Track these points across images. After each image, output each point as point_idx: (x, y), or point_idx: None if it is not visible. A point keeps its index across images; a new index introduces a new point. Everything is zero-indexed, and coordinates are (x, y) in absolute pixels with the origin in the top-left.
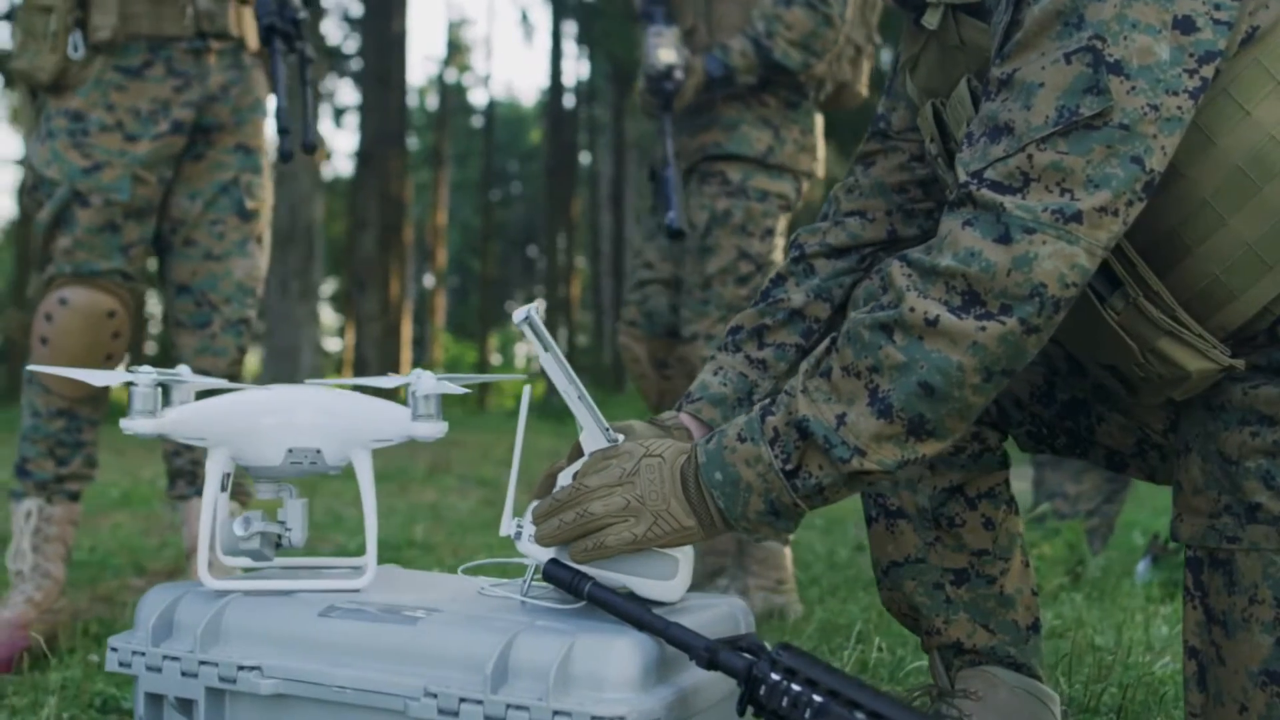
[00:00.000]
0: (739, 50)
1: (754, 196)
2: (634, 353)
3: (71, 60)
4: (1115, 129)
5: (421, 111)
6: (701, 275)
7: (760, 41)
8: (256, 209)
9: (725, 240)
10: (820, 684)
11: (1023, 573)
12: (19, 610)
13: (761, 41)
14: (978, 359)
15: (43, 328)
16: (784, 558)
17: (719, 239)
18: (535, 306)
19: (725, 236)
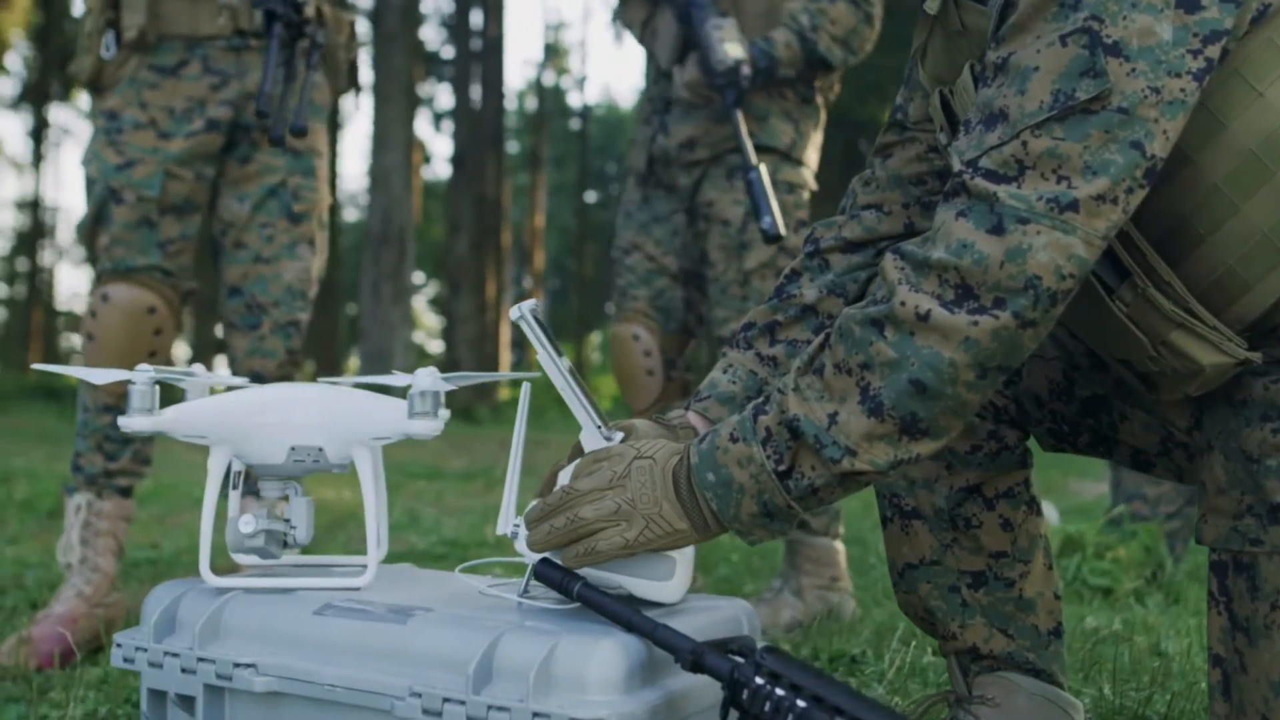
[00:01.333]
0: (784, 43)
1: (783, 189)
2: (646, 345)
3: (105, 60)
4: (1114, 113)
5: (520, 115)
6: (740, 271)
7: (805, 35)
8: (306, 211)
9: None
10: (804, 689)
11: (1045, 576)
12: (69, 604)
13: (806, 35)
14: (970, 355)
15: (89, 324)
16: (838, 555)
17: (753, 235)
18: (532, 304)
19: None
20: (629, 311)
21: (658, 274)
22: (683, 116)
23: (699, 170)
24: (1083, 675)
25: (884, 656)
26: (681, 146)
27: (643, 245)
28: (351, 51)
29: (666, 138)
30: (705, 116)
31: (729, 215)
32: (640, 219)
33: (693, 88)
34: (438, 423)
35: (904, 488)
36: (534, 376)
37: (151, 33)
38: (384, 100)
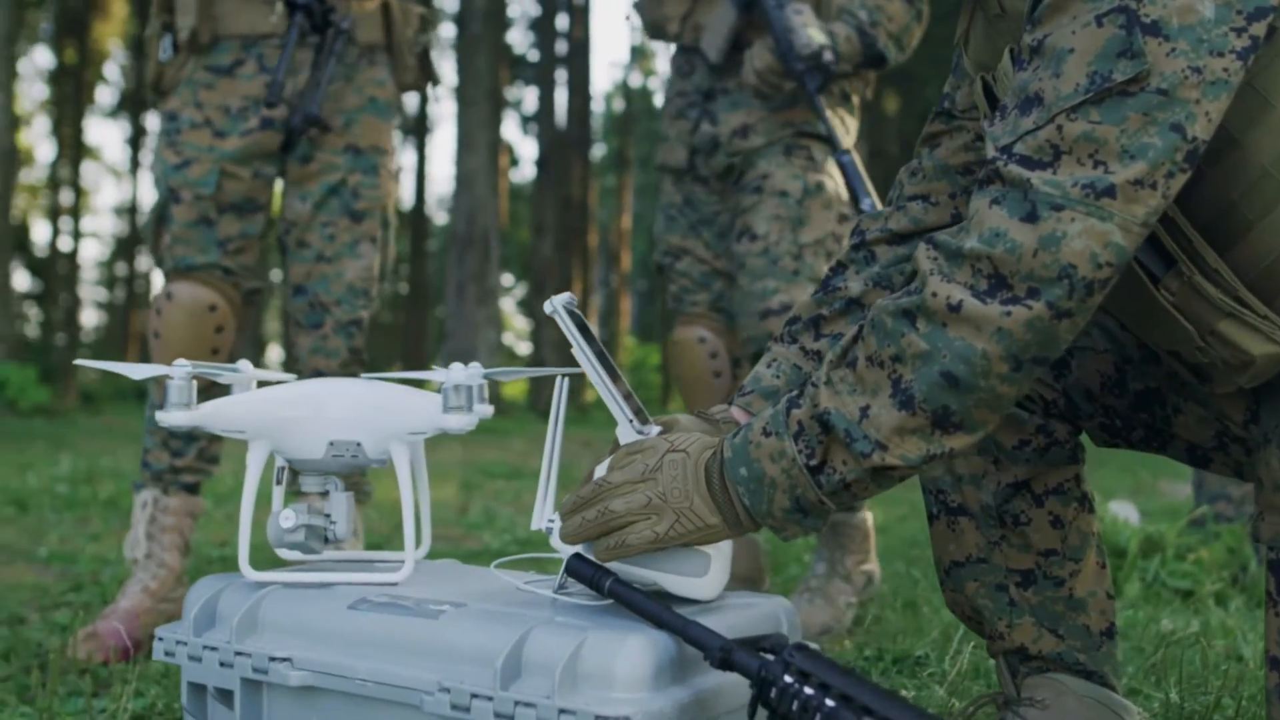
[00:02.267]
0: (844, 36)
1: (834, 177)
2: (712, 347)
3: (164, 63)
4: (1152, 94)
5: (608, 116)
6: (795, 244)
7: (864, 30)
8: (368, 209)
9: (819, 212)
10: (833, 688)
11: (1097, 575)
12: (135, 599)
13: (865, 30)
14: (1003, 346)
15: (154, 322)
16: (870, 524)
17: (812, 210)
18: (566, 298)
19: (819, 209)
20: (690, 315)
21: (713, 277)
22: (733, 105)
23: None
24: (1154, 679)
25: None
26: (734, 134)
27: (692, 249)
28: (419, 45)
29: (714, 126)
30: (761, 105)
31: (788, 187)
32: (686, 222)
33: (765, 75)
34: (472, 417)
35: (950, 484)
36: (575, 372)
37: (206, 33)
38: (468, 103)
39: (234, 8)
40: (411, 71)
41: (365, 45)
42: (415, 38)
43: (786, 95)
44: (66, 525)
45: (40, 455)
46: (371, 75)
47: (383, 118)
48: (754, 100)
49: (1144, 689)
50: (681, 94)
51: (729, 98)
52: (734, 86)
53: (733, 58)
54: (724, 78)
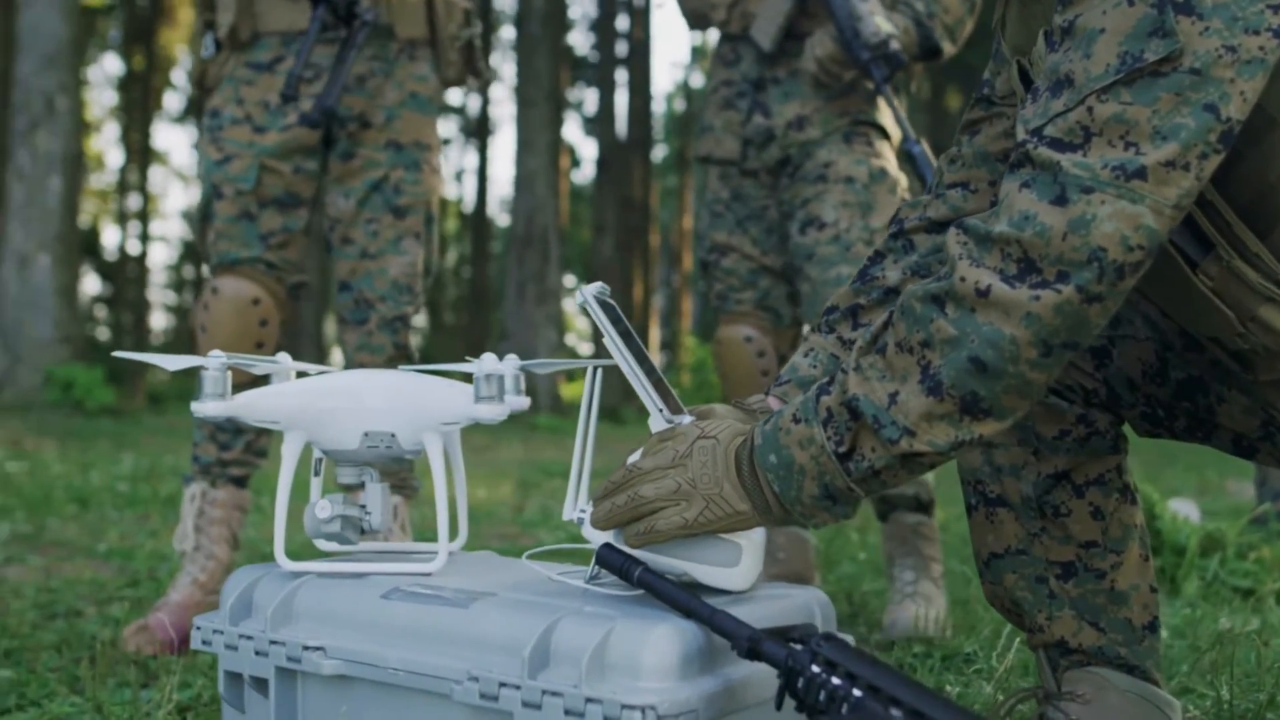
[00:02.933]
0: (903, 27)
1: (893, 166)
2: (759, 345)
3: (207, 61)
4: (1185, 74)
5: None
6: (867, 229)
7: (921, 21)
8: (410, 205)
9: (885, 197)
10: (860, 678)
11: (1140, 568)
12: (185, 592)
13: (922, 21)
14: (1032, 331)
15: (201, 316)
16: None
17: (879, 195)
18: (598, 288)
19: (885, 194)
20: (736, 313)
21: (760, 274)
22: (785, 96)
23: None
24: (1209, 678)
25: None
26: (790, 126)
27: (739, 245)
28: (462, 40)
29: (768, 118)
30: (816, 94)
31: (853, 173)
32: (733, 217)
33: (826, 63)
34: (504, 407)
35: (989, 474)
36: (609, 363)
37: (245, 30)
38: (527, 104)
39: (273, 5)
40: (454, 66)
41: (407, 40)
42: (458, 32)
43: (843, 84)
44: (126, 522)
45: (104, 454)
46: (413, 70)
47: (425, 113)
48: (808, 89)
49: (1198, 687)
50: (728, 83)
51: (780, 88)
52: (785, 76)
53: (783, 46)
54: (774, 66)
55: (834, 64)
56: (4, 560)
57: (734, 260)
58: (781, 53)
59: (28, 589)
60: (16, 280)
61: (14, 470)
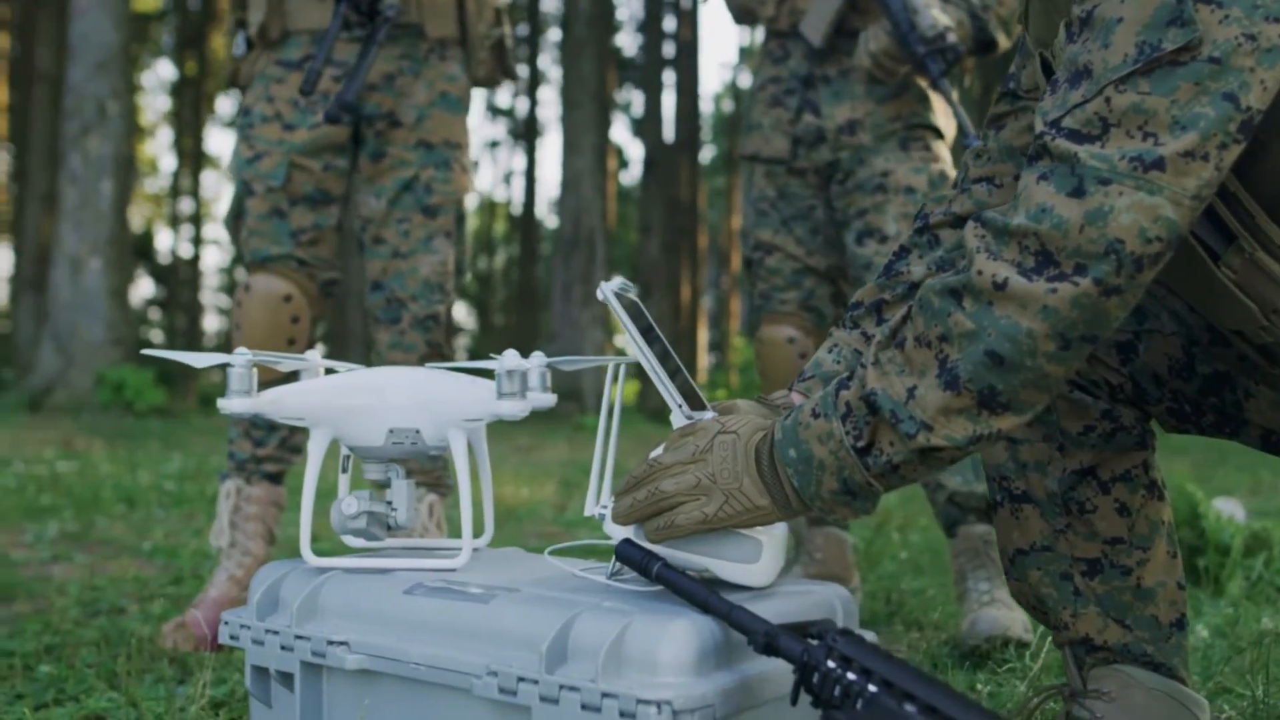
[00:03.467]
0: (958, 20)
1: (951, 168)
2: (802, 347)
3: (238, 59)
4: (1204, 63)
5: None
6: None
7: (976, 14)
8: (441, 204)
9: None
10: (875, 673)
11: (1167, 565)
12: (222, 588)
13: (978, 14)
14: (1049, 324)
15: (235, 314)
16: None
17: None
18: (618, 284)
19: None
20: (779, 314)
21: (804, 274)
22: (836, 96)
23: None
24: (1246, 678)
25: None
26: (841, 130)
27: (783, 245)
28: (493, 39)
29: (818, 117)
30: (866, 94)
31: (913, 182)
32: (778, 216)
33: (880, 59)
34: (525, 404)
35: (1014, 471)
36: (631, 360)
37: (275, 29)
38: (573, 106)
39: (303, 3)
40: (485, 66)
41: (437, 39)
42: (489, 31)
43: (895, 84)
44: (172, 521)
45: (153, 454)
46: (443, 70)
47: (454, 112)
48: (859, 89)
49: (1235, 686)
50: (776, 80)
51: (831, 87)
52: (836, 74)
53: (834, 43)
54: (824, 63)
55: (889, 59)
56: (51, 558)
57: (778, 260)
58: (831, 49)
59: (72, 586)
60: (69, 283)
61: (64, 470)
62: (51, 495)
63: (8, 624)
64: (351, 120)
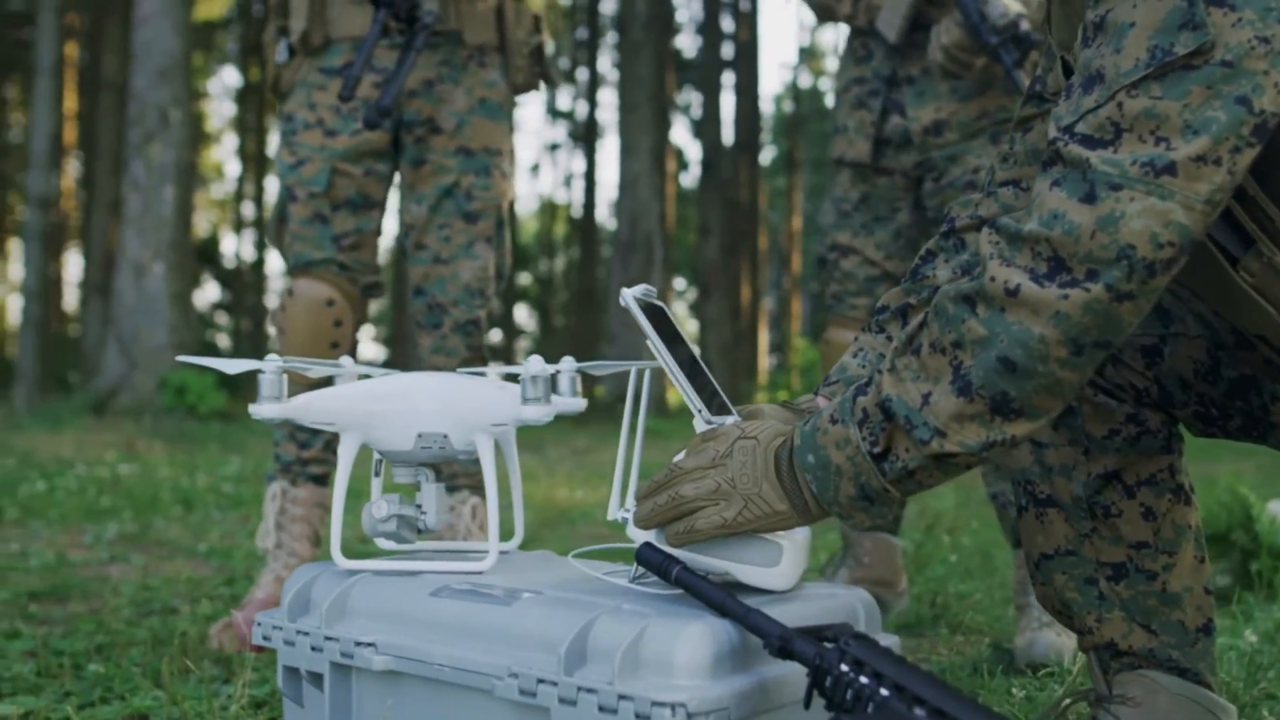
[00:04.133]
0: (1035, 5)
1: None
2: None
3: (281, 66)
4: (1216, 67)
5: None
6: None
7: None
8: (481, 210)
9: None
10: (886, 677)
11: (1194, 569)
12: (268, 589)
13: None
14: (1061, 330)
15: (279, 318)
16: None
17: None
18: (642, 289)
19: None
20: (849, 318)
21: (879, 281)
22: (920, 97)
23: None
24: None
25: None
26: (927, 131)
27: (861, 249)
28: (531, 45)
29: (904, 118)
30: (950, 93)
31: None
32: (859, 220)
33: (952, 51)
34: (549, 408)
35: (1039, 475)
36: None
37: (317, 36)
38: (629, 109)
39: (344, 11)
40: (523, 72)
41: (476, 46)
42: (527, 38)
43: (976, 80)
44: (228, 523)
45: (212, 457)
46: (483, 77)
47: (494, 118)
48: (943, 88)
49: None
50: (860, 81)
51: (914, 87)
52: (919, 74)
53: (913, 39)
54: (907, 62)
55: (961, 51)
56: (109, 559)
57: (854, 263)
58: (911, 46)
59: (127, 587)
60: (133, 288)
61: (125, 472)
62: (111, 497)
63: (62, 623)
64: (391, 126)
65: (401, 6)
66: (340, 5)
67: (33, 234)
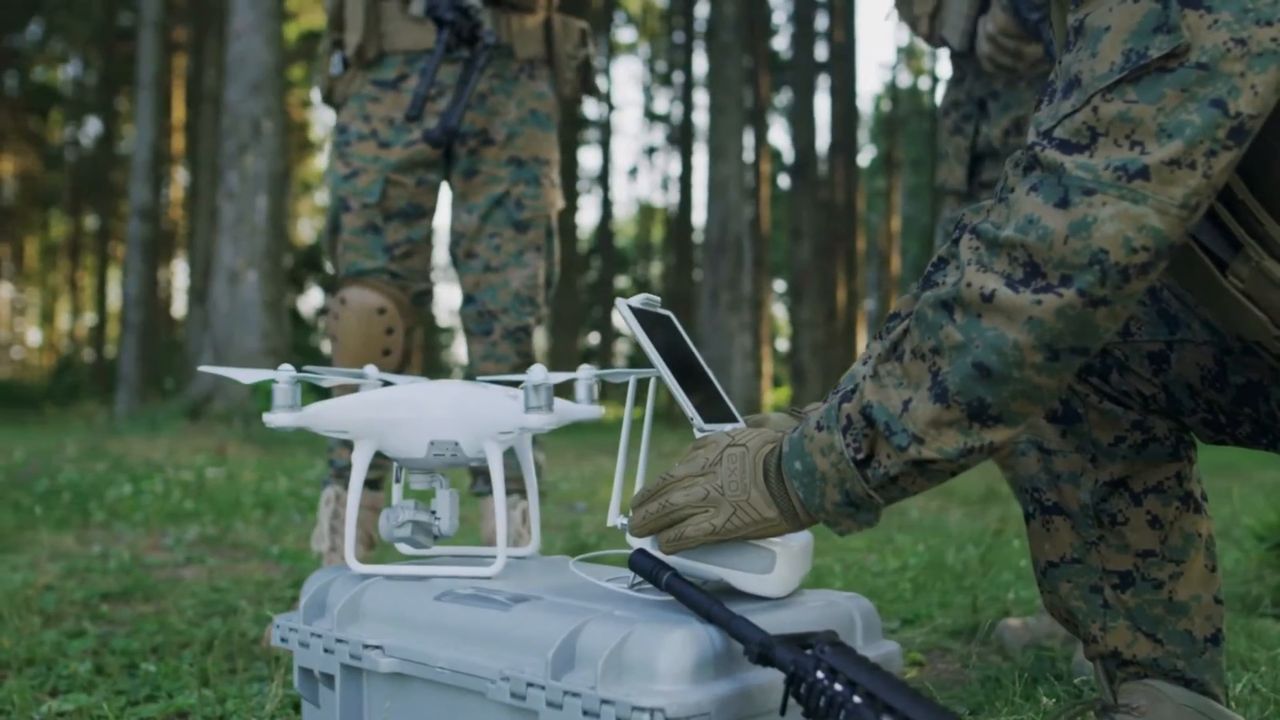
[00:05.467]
0: None
1: None
2: None
3: (335, 78)
4: (1191, 69)
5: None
6: None
7: None
8: (531, 219)
9: None
10: (859, 685)
11: (1203, 579)
12: None
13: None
14: (1034, 335)
15: (332, 326)
16: None
17: None
18: (642, 299)
19: None
20: None
21: None
22: (1005, 108)
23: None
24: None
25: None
26: (1007, 133)
27: None
28: (578, 58)
29: (990, 128)
30: (1031, 99)
31: None
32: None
33: (999, 40)
34: (552, 416)
35: (1046, 482)
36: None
37: (372, 49)
38: (719, 111)
39: (398, 25)
40: (571, 84)
41: (525, 60)
42: (575, 51)
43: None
44: (306, 526)
45: (298, 461)
46: (532, 88)
47: (544, 129)
48: (1025, 94)
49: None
50: (956, 105)
51: (999, 101)
52: (1003, 88)
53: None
54: (995, 80)
55: (1008, 38)
56: (184, 560)
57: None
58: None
59: (198, 588)
60: (226, 295)
61: (212, 476)
62: (195, 501)
63: (128, 624)
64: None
65: (464, 26)
66: (395, 19)
67: (135, 242)
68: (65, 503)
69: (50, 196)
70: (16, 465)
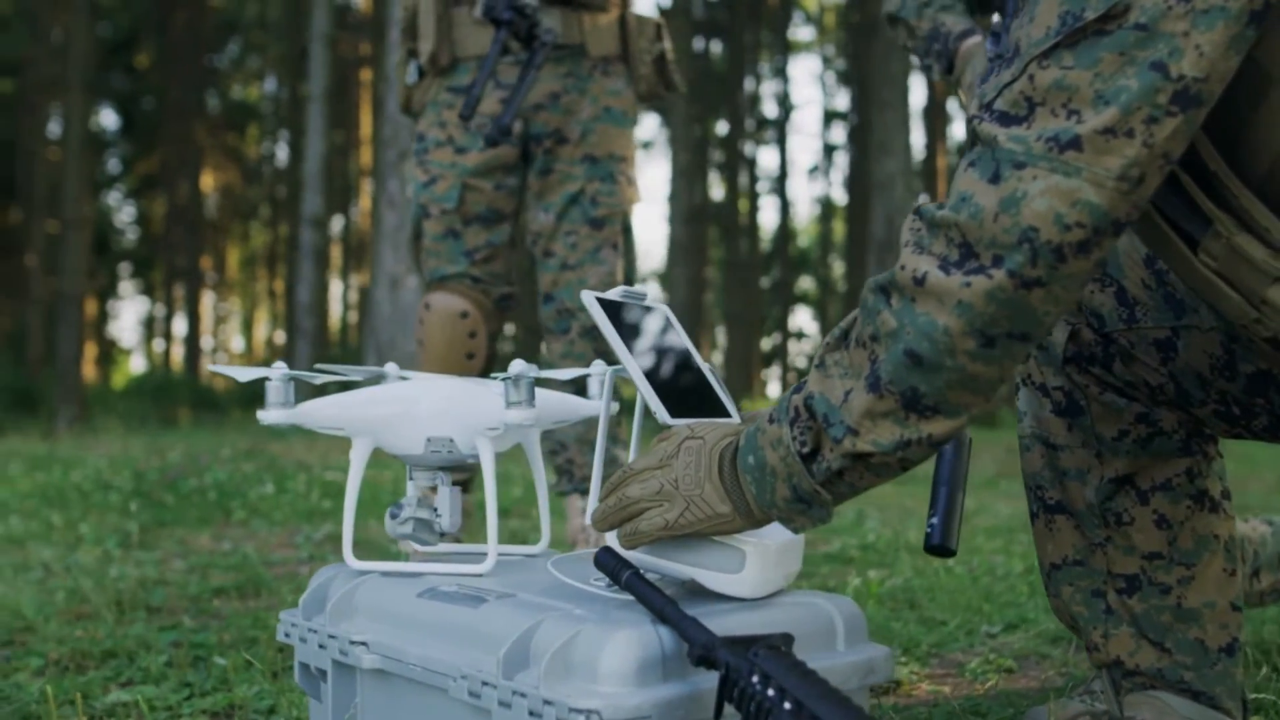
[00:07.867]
0: None
1: None
2: None
3: (411, 87)
4: (1130, 30)
5: None
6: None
7: None
8: (607, 216)
9: None
10: (788, 692)
11: (1219, 584)
12: None
13: None
14: (965, 320)
15: (418, 331)
16: None
17: None
18: (619, 291)
19: None
20: None
21: None
22: None
23: None
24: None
25: None
26: None
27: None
28: (653, 54)
29: None
30: None
31: None
32: None
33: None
34: (532, 411)
35: (1051, 479)
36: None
37: (445, 56)
38: (882, 107)
39: (470, 32)
40: (647, 81)
41: (600, 57)
42: (650, 46)
43: None
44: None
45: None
46: (607, 85)
47: (619, 126)
48: None
49: None
50: None
51: None
52: None
53: None
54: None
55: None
56: (307, 558)
57: None
58: None
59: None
60: (388, 300)
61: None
62: (334, 500)
63: (220, 618)
64: (518, 141)
65: (521, 26)
66: (465, 26)
67: (307, 251)
68: (209, 501)
69: (250, 209)
70: (169, 465)
